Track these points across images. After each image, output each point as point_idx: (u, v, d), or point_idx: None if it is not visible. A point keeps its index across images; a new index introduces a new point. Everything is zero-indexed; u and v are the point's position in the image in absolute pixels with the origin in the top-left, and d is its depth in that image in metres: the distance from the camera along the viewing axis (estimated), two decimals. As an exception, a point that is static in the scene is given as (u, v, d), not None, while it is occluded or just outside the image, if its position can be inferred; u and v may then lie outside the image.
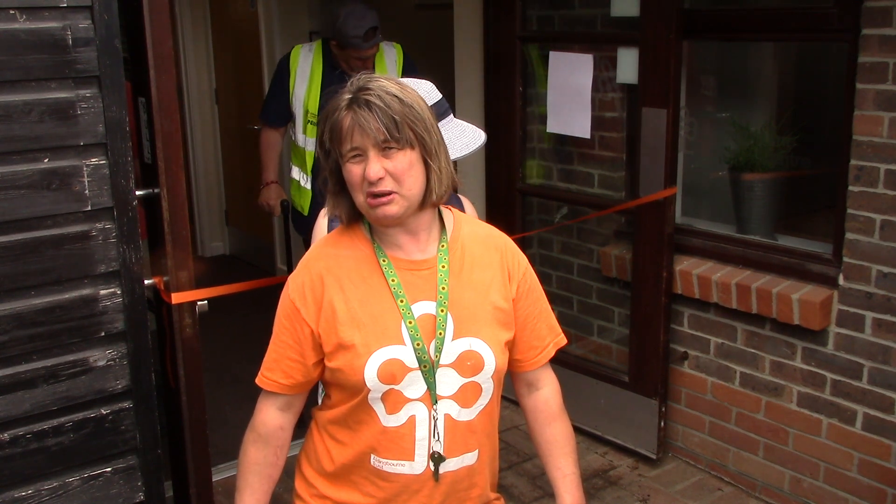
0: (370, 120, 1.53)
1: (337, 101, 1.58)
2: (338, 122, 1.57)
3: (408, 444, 1.64)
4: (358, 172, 1.56)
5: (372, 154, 1.55)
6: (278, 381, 1.68)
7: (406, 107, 1.56)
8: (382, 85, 1.57)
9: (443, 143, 1.63)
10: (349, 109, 1.56)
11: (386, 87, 1.57)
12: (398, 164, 1.55)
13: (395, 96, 1.56)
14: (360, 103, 1.55)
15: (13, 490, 2.12)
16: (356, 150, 1.55)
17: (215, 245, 6.61)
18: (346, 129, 1.55)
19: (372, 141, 1.54)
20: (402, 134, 1.54)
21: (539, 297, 1.79)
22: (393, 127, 1.53)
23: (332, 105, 1.59)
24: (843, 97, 2.84)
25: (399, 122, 1.54)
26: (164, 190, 2.37)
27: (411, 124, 1.56)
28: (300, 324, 1.64)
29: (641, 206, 3.34)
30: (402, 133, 1.54)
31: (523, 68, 3.76)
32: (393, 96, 1.56)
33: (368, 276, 1.64)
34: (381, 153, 1.55)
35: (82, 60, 2.04)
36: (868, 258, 2.82)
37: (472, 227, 1.76)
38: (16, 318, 2.06)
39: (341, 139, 1.56)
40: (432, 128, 1.60)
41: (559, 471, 1.81)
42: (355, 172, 1.56)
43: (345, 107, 1.57)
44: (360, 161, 1.56)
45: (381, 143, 1.54)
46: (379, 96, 1.55)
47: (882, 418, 2.86)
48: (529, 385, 1.83)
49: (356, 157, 1.56)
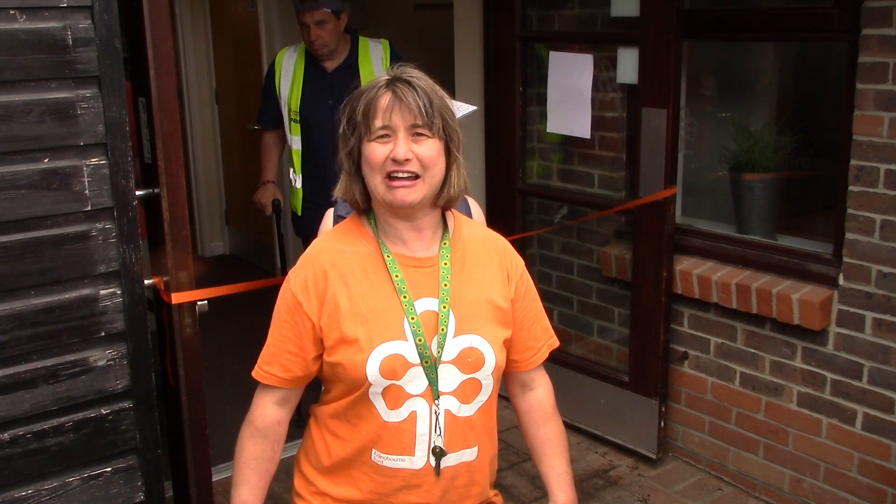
0: (412, 97, 1.55)
1: (376, 80, 1.60)
2: (375, 98, 1.58)
3: (408, 440, 1.65)
4: (382, 153, 1.57)
5: (402, 135, 1.56)
6: (276, 375, 1.69)
7: (441, 97, 1.61)
8: (421, 74, 1.62)
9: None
10: (389, 87, 1.57)
11: (424, 76, 1.62)
12: (427, 150, 1.57)
13: (432, 85, 1.61)
14: (402, 81, 1.58)
15: (13, 490, 2.12)
16: (386, 129, 1.56)
17: (215, 245, 6.61)
18: (383, 105, 1.56)
19: (407, 122, 1.56)
20: (436, 120, 1.57)
21: (535, 298, 1.81)
22: (430, 110, 1.56)
23: (370, 83, 1.61)
24: (843, 97, 2.84)
25: (436, 107, 1.57)
26: (164, 190, 2.37)
27: (444, 114, 1.59)
28: (302, 317, 1.65)
29: (641, 206, 3.34)
30: (436, 120, 1.57)
31: (523, 68, 3.76)
32: (431, 85, 1.61)
33: (372, 271, 1.65)
34: (411, 137, 1.57)
35: (82, 60, 2.04)
36: (868, 258, 2.82)
37: (471, 229, 1.78)
38: (16, 318, 2.06)
39: (375, 115, 1.57)
40: (458, 125, 1.64)
41: (553, 470, 1.83)
42: (379, 152, 1.57)
43: (384, 84, 1.58)
44: (386, 141, 1.57)
45: (414, 125, 1.56)
46: (420, 79, 1.59)
47: (882, 418, 2.86)
48: (524, 385, 1.84)
49: (384, 136, 1.57)
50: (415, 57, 3.82)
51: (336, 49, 3.64)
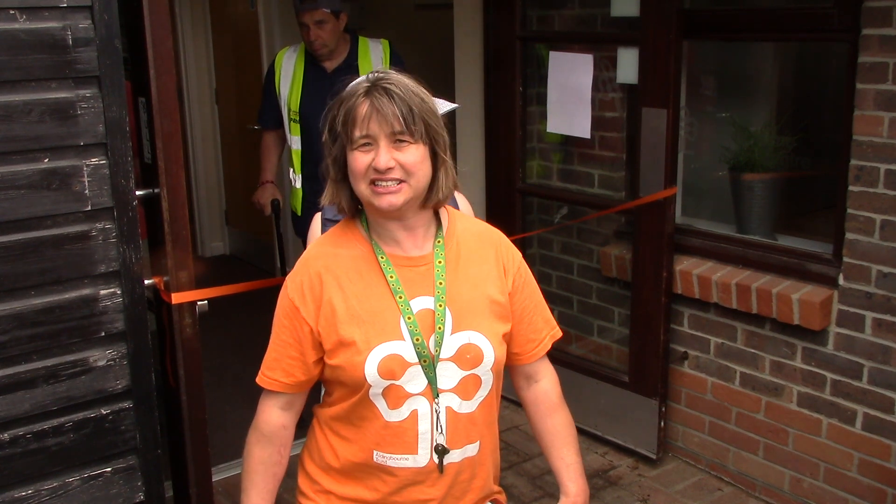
0: (388, 107, 1.53)
1: (355, 87, 1.58)
2: (354, 107, 1.56)
3: (410, 439, 1.65)
4: (364, 161, 1.56)
5: (383, 144, 1.55)
6: (279, 380, 1.69)
7: (423, 101, 1.58)
8: (401, 78, 1.59)
9: (449, 145, 1.64)
10: (367, 96, 1.56)
11: (404, 80, 1.59)
12: (410, 156, 1.56)
13: (412, 90, 1.57)
14: (379, 90, 1.55)
15: (13, 490, 2.12)
16: (367, 137, 1.55)
17: (215, 245, 6.61)
18: (361, 115, 1.55)
19: (387, 130, 1.54)
20: (418, 126, 1.55)
21: (534, 290, 1.80)
22: (410, 117, 1.54)
23: (350, 90, 1.59)
24: (843, 97, 2.84)
25: (416, 113, 1.55)
26: (164, 190, 2.37)
27: (427, 118, 1.57)
28: (300, 322, 1.65)
29: (641, 206, 3.34)
30: (418, 125, 1.55)
31: (523, 68, 3.76)
32: (411, 89, 1.57)
33: (366, 273, 1.65)
34: (393, 145, 1.55)
35: (82, 60, 2.04)
36: (868, 258, 2.82)
37: (465, 224, 1.77)
38: (16, 318, 2.06)
39: (354, 124, 1.56)
40: (443, 128, 1.61)
41: (562, 461, 1.83)
42: (362, 161, 1.56)
43: (363, 93, 1.56)
44: (368, 150, 1.56)
45: (395, 133, 1.54)
46: (398, 86, 1.56)
47: (882, 418, 2.86)
48: (528, 378, 1.84)
49: (365, 145, 1.56)
50: (415, 57, 3.85)
51: (336, 49, 3.65)
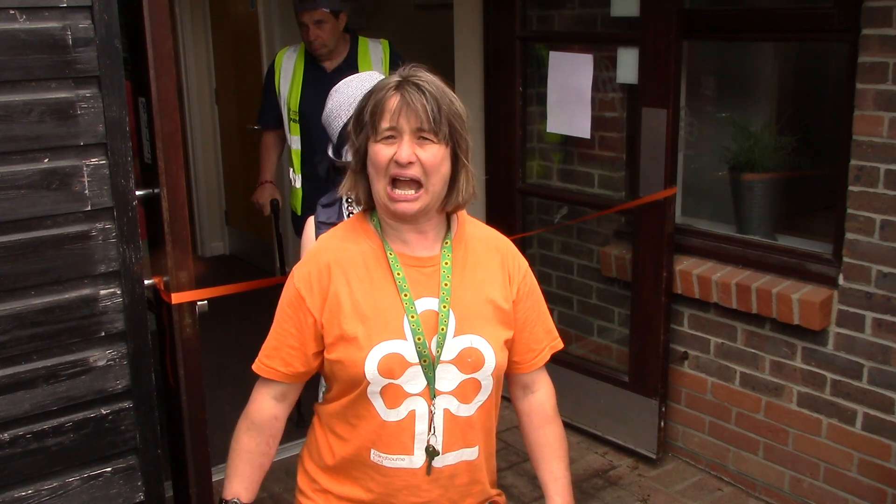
0: (419, 102, 1.55)
1: (386, 81, 1.60)
2: (384, 100, 1.57)
3: (407, 439, 1.65)
4: (386, 154, 1.57)
5: (407, 138, 1.56)
6: (276, 369, 1.69)
7: (451, 102, 1.60)
8: (432, 77, 1.61)
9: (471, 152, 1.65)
10: (398, 90, 1.57)
11: (436, 80, 1.60)
12: (431, 155, 1.57)
13: (443, 89, 1.59)
14: (411, 85, 1.57)
15: (13, 490, 2.12)
16: (392, 130, 1.56)
17: (215, 245, 6.61)
18: (391, 107, 1.56)
19: (413, 125, 1.55)
20: (443, 126, 1.56)
21: (538, 300, 1.80)
22: (437, 115, 1.55)
23: (380, 84, 1.61)
24: (843, 97, 2.84)
25: (444, 112, 1.56)
26: (164, 190, 2.37)
27: (453, 120, 1.58)
28: (304, 313, 1.65)
29: (641, 206, 3.34)
30: (443, 125, 1.56)
31: (523, 68, 3.76)
32: (443, 89, 1.59)
33: (374, 269, 1.65)
34: (416, 141, 1.57)
35: (82, 60, 2.04)
36: (868, 258, 2.82)
37: (474, 229, 1.78)
38: (16, 318, 2.06)
39: (383, 116, 1.57)
40: (467, 132, 1.62)
41: (550, 474, 1.82)
42: (384, 154, 1.57)
43: (394, 86, 1.58)
44: (391, 143, 1.57)
45: (421, 129, 1.55)
46: (430, 84, 1.58)
47: (882, 418, 2.86)
48: (525, 388, 1.84)
49: (389, 138, 1.57)
50: (415, 57, 3.82)
51: (335, 49, 3.65)
